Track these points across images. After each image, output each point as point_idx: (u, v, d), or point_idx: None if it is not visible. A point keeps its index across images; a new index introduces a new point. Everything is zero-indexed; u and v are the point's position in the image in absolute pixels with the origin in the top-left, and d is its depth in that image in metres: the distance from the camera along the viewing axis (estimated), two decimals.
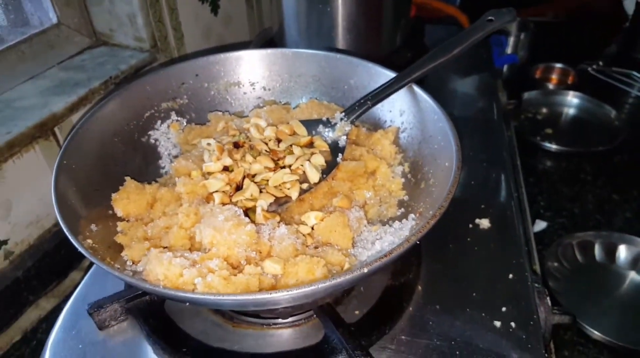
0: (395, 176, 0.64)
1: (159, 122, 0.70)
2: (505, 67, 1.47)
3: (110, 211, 0.58)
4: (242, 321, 0.57)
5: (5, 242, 0.80)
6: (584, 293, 0.98)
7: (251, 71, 0.75)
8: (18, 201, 0.81)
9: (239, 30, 1.34)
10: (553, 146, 1.30)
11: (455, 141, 0.55)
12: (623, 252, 1.04)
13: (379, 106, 0.69)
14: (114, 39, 1.09)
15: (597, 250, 1.05)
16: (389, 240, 0.53)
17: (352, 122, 0.66)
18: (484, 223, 0.70)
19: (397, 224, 0.56)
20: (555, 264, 1.02)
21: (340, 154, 0.63)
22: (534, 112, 1.43)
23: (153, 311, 0.54)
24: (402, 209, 0.61)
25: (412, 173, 0.63)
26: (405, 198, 0.62)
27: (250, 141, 0.61)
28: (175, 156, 0.69)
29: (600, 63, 1.56)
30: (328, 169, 0.61)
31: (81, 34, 1.09)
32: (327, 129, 0.66)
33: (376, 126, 0.71)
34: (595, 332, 0.87)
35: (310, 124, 0.66)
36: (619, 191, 1.21)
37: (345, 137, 0.64)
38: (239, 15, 1.33)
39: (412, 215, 0.56)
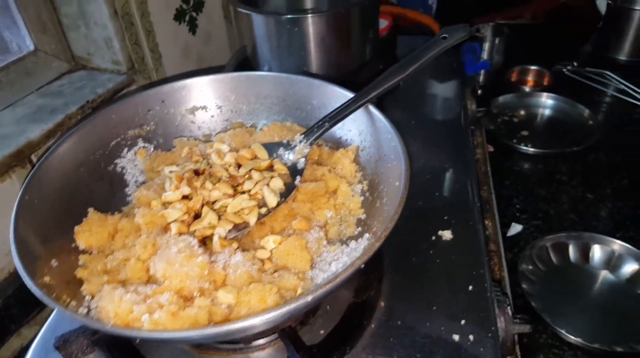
0: (355, 195, 0.66)
1: (125, 149, 0.72)
2: (482, 73, 1.49)
3: (74, 244, 0.60)
4: (209, 348, 0.59)
5: None
6: (558, 295, 1.00)
7: (217, 94, 0.77)
8: None
9: (218, 48, 1.36)
10: (529, 149, 1.32)
11: (405, 161, 0.57)
12: (597, 252, 1.06)
13: (339, 125, 0.71)
14: (92, 62, 1.11)
15: (572, 251, 1.07)
16: (343, 260, 0.55)
17: (311, 144, 0.67)
18: (447, 234, 0.72)
19: (353, 244, 0.58)
20: (530, 267, 1.04)
21: (298, 177, 0.65)
22: (510, 115, 1.45)
23: (119, 344, 0.55)
24: (360, 228, 0.63)
25: (370, 191, 0.66)
26: (363, 216, 0.64)
27: (210, 167, 0.63)
28: (143, 183, 0.71)
29: (575, 64, 1.59)
30: (287, 192, 0.63)
31: (59, 59, 1.11)
32: (287, 152, 0.68)
33: (337, 145, 0.73)
34: (570, 336, 0.89)
35: (271, 147, 0.68)
36: (593, 190, 1.23)
37: (304, 159, 0.66)
38: (218, 33, 1.35)
39: (367, 234, 0.58)
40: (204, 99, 0.77)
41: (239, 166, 0.64)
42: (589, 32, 1.78)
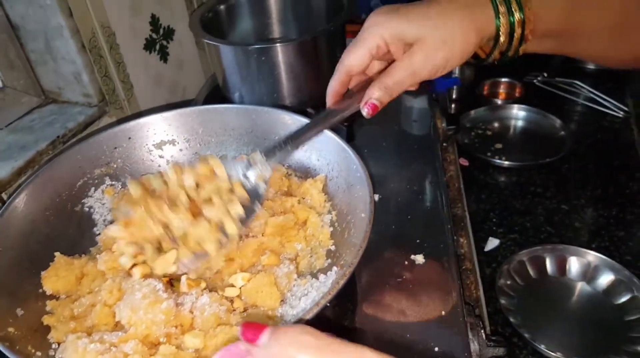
0: (324, 225, 0.66)
1: (92, 189, 0.72)
2: (453, 89, 1.51)
3: (41, 290, 0.59)
4: None
5: None
6: (537, 309, 1.01)
7: (184, 128, 0.77)
8: None
9: (192, 74, 1.36)
10: (503, 162, 1.34)
11: (370, 192, 0.57)
12: (573, 264, 1.07)
13: (307, 154, 0.71)
14: (63, 96, 1.11)
15: (549, 264, 1.08)
16: (312, 296, 0.55)
17: (271, 166, 0.63)
18: (419, 258, 0.72)
19: (322, 277, 0.58)
20: (508, 281, 1.05)
21: (258, 202, 0.61)
22: (483, 129, 1.47)
23: None
24: (329, 260, 0.63)
25: (339, 222, 0.66)
26: (333, 247, 0.64)
27: (168, 189, 0.60)
28: (111, 222, 0.70)
29: (545, 74, 1.61)
30: (246, 218, 0.60)
31: (29, 94, 1.10)
32: (247, 171, 0.63)
33: (306, 174, 0.74)
34: (550, 352, 0.89)
35: (230, 165, 0.63)
36: (568, 201, 1.25)
37: (264, 184, 0.63)
38: (190, 60, 1.35)
39: (335, 268, 0.58)
40: (171, 133, 0.77)
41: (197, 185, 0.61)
42: None
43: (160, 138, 0.77)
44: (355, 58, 0.61)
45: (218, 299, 0.54)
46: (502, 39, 0.57)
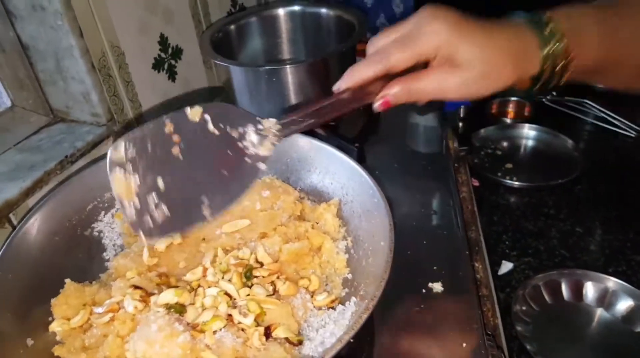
0: (340, 252, 0.64)
1: (102, 213, 0.70)
2: (462, 108, 1.50)
3: (51, 318, 0.58)
4: None
5: None
6: (553, 336, 0.98)
7: None
8: None
9: (199, 93, 1.36)
10: (514, 182, 1.32)
11: (389, 219, 0.55)
12: (590, 289, 1.04)
13: (320, 176, 0.70)
14: (71, 115, 1.10)
15: (564, 289, 1.05)
16: (330, 328, 0.53)
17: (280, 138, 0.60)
18: (437, 287, 0.70)
19: (339, 308, 0.56)
20: (524, 307, 1.02)
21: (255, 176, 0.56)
22: (493, 148, 1.45)
23: None
24: (347, 290, 0.61)
25: (355, 249, 0.64)
26: (349, 276, 0.62)
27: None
28: (121, 246, 0.69)
29: (554, 93, 1.60)
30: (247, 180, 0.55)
31: (38, 114, 1.09)
32: (256, 133, 0.59)
33: (319, 198, 0.72)
34: None
35: (240, 118, 0.58)
36: (582, 223, 1.22)
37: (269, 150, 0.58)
38: (198, 79, 1.34)
39: (354, 298, 0.56)
40: None
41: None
42: None
43: None
44: (404, 59, 0.55)
45: (235, 331, 0.52)
46: (542, 79, 0.57)
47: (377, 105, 0.58)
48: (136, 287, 0.55)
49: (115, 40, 1.02)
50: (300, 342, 0.53)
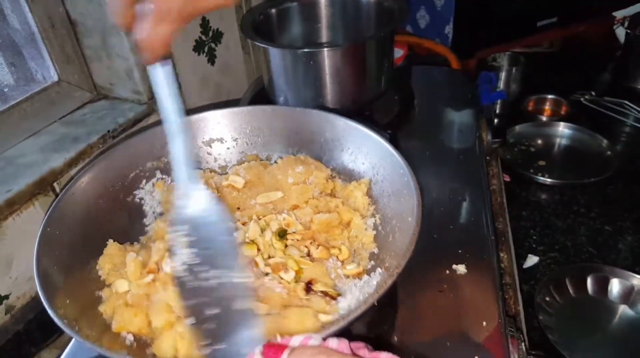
0: (368, 229, 0.67)
1: (144, 181, 0.74)
2: (498, 103, 1.50)
3: (95, 274, 0.61)
4: None
5: (6, 297, 0.84)
6: (575, 328, 0.99)
7: (232, 127, 0.79)
8: (19, 256, 0.84)
9: (236, 78, 1.39)
10: (546, 179, 1.31)
11: (417, 199, 0.57)
12: (615, 286, 1.04)
13: (352, 157, 0.72)
14: (114, 92, 1.14)
15: (590, 284, 1.05)
16: (355, 295, 0.55)
17: None
18: (461, 268, 0.71)
19: (365, 278, 0.58)
20: (547, 298, 1.03)
21: None
22: (527, 145, 1.45)
23: None
24: (373, 262, 0.63)
25: (382, 225, 0.66)
26: (376, 250, 0.64)
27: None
28: (160, 214, 0.72)
29: (593, 93, 1.58)
30: None
31: (82, 89, 1.14)
32: None
33: (350, 177, 0.74)
34: None
35: None
36: (612, 223, 1.21)
37: None
38: (236, 64, 1.38)
39: (379, 269, 0.58)
40: (220, 131, 0.79)
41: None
42: (607, 61, 1.78)
43: (209, 135, 0.79)
44: None
45: (277, 281, 0.56)
46: None
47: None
48: None
49: None
50: (338, 295, 0.56)
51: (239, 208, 0.69)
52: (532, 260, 1.12)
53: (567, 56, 1.86)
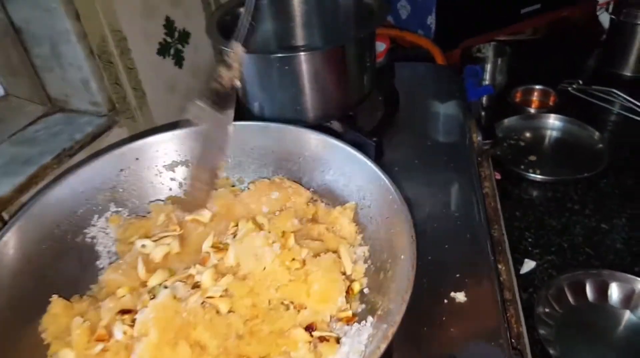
0: (358, 261, 0.59)
1: (95, 216, 0.64)
2: (484, 96, 1.43)
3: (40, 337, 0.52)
4: None
5: None
6: (577, 339, 0.93)
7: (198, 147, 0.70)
8: None
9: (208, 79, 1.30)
10: (538, 176, 1.25)
11: (411, 230, 0.49)
12: (615, 290, 0.99)
13: (335, 179, 0.64)
14: (70, 104, 1.04)
15: (589, 290, 1.00)
16: (345, 351, 0.48)
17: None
18: (460, 296, 0.64)
19: (355, 327, 0.50)
20: (547, 309, 0.97)
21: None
22: (516, 139, 1.38)
23: None
24: (363, 306, 0.55)
25: (372, 260, 0.58)
26: (366, 290, 0.56)
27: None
28: (116, 253, 0.63)
29: (580, 82, 1.52)
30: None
31: (34, 103, 1.04)
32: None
33: (334, 201, 0.66)
34: None
35: None
36: (608, 220, 1.16)
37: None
38: (207, 64, 1.28)
39: (370, 318, 0.50)
40: (184, 153, 0.70)
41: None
42: (591, 47, 1.72)
43: (171, 158, 0.70)
44: None
45: None
46: None
47: None
48: (124, 311, 0.49)
49: (116, 23, 0.96)
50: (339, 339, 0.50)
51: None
52: (529, 265, 1.06)
53: (552, 43, 1.80)
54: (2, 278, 0.51)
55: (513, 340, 0.70)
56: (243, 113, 0.93)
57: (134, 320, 0.48)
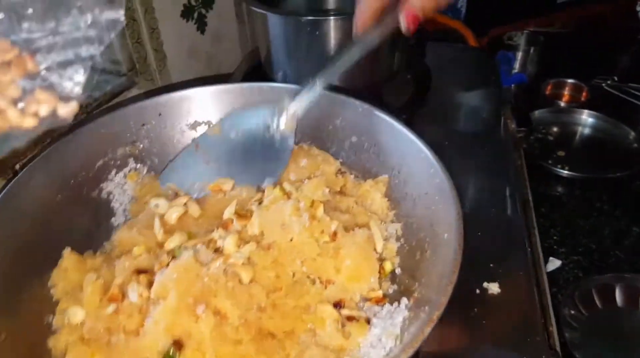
0: (390, 239, 0.54)
1: (113, 171, 0.60)
2: (512, 86, 1.37)
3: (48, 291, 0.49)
4: None
5: None
6: (604, 345, 0.88)
7: (223, 108, 0.65)
8: None
9: (229, 48, 1.25)
10: (565, 172, 1.20)
11: (456, 206, 0.45)
12: None
13: (369, 150, 0.59)
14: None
15: (618, 294, 0.95)
16: (376, 333, 0.43)
17: (301, 112, 0.61)
18: (493, 287, 0.60)
19: (387, 307, 0.46)
20: (572, 312, 0.92)
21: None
22: (544, 133, 1.32)
23: None
24: (395, 286, 0.51)
25: (406, 237, 0.54)
26: (398, 270, 0.52)
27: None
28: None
29: (615, 78, 1.46)
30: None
31: None
32: (275, 119, 0.61)
33: (364, 174, 0.61)
34: None
35: (257, 115, 0.61)
36: (639, 223, 1.11)
37: (292, 134, 0.60)
38: (229, 32, 1.24)
39: (404, 300, 0.46)
40: (207, 113, 0.66)
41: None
42: (628, 43, 1.65)
43: (194, 117, 0.65)
44: None
45: None
46: None
47: (405, 25, 0.52)
48: (140, 271, 0.45)
49: None
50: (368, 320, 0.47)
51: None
52: (554, 264, 1.00)
53: (587, 36, 1.73)
54: (14, 223, 0.47)
55: (553, 347, 0.66)
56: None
57: (150, 282, 0.45)
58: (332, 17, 0.78)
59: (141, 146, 0.63)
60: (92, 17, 0.34)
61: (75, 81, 0.34)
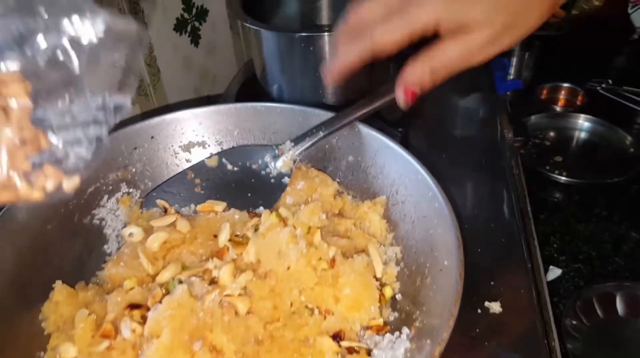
0: (389, 262, 0.53)
1: (105, 197, 0.59)
2: (509, 93, 1.37)
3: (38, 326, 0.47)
4: None
5: None
6: (606, 355, 0.88)
7: (218, 128, 0.65)
8: None
9: (224, 60, 1.24)
10: (563, 177, 1.19)
11: (456, 232, 0.44)
12: None
13: (365, 171, 0.58)
14: None
15: (619, 303, 0.94)
16: None
17: (300, 154, 0.62)
18: (494, 307, 0.59)
19: (388, 337, 0.45)
20: (574, 322, 0.91)
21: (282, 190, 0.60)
22: (541, 138, 1.32)
23: None
24: (396, 314, 0.50)
25: (405, 261, 0.53)
26: (399, 295, 0.51)
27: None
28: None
29: (610, 81, 1.45)
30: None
31: None
32: (274, 160, 0.62)
33: (362, 194, 0.60)
34: None
35: (256, 152, 0.63)
36: (638, 228, 1.10)
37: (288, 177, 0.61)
38: (223, 45, 1.23)
39: (406, 329, 0.45)
40: (202, 133, 0.65)
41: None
42: (622, 46, 1.65)
43: (188, 138, 0.64)
44: (394, 40, 0.47)
45: None
46: None
47: (402, 101, 0.50)
48: (133, 306, 0.44)
49: None
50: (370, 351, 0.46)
51: (215, 236, 0.54)
52: (554, 273, 1.00)
53: (579, 40, 1.72)
54: (4, 256, 0.46)
55: None
56: (261, 97, 0.88)
57: (143, 317, 0.43)
58: (326, 33, 0.77)
59: (133, 169, 0.61)
60: (102, 100, 0.34)
61: (80, 157, 0.34)
